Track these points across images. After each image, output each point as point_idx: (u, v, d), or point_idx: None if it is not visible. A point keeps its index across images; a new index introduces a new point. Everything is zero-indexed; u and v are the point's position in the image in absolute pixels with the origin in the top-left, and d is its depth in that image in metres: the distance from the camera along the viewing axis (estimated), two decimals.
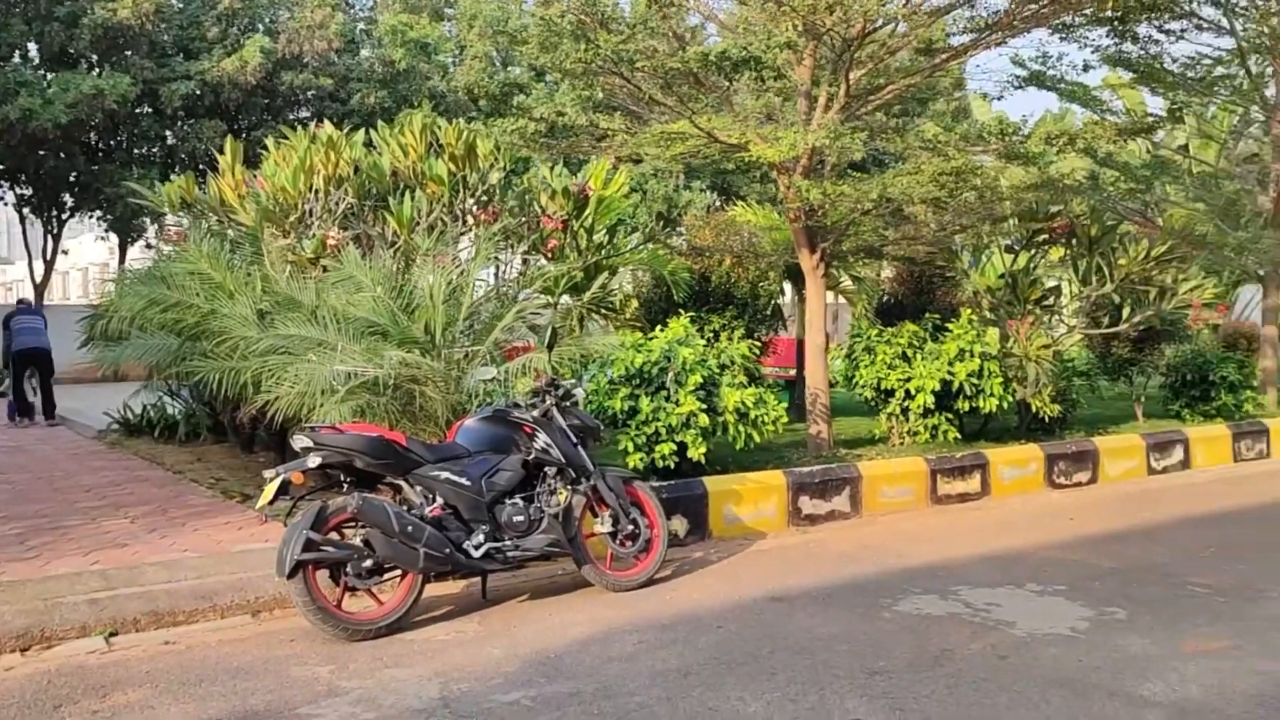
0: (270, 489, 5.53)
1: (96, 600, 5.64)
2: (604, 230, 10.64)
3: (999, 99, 18.41)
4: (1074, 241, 10.74)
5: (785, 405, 13.39)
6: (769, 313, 12.24)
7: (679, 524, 7.53)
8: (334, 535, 5.58)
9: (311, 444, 5.61)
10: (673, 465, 7.97)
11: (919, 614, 5.79)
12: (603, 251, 10.19)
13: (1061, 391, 10.72)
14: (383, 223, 9.14)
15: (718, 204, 27.58)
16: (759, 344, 10.98)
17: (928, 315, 10.49)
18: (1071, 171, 15.07)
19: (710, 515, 7.77)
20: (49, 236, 24.67)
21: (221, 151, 9.90)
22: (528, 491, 6.18)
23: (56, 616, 5.46)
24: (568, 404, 6.51)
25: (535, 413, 6.37)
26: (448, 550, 5.69)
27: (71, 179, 23.74)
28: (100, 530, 7.08)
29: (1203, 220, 14.49)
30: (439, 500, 5.84)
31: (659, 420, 7.88)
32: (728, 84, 8.44)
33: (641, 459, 7.92)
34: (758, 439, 8.24)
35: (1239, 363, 12.48)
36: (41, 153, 22.53)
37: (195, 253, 8.86)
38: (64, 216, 24.67)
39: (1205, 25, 12.89)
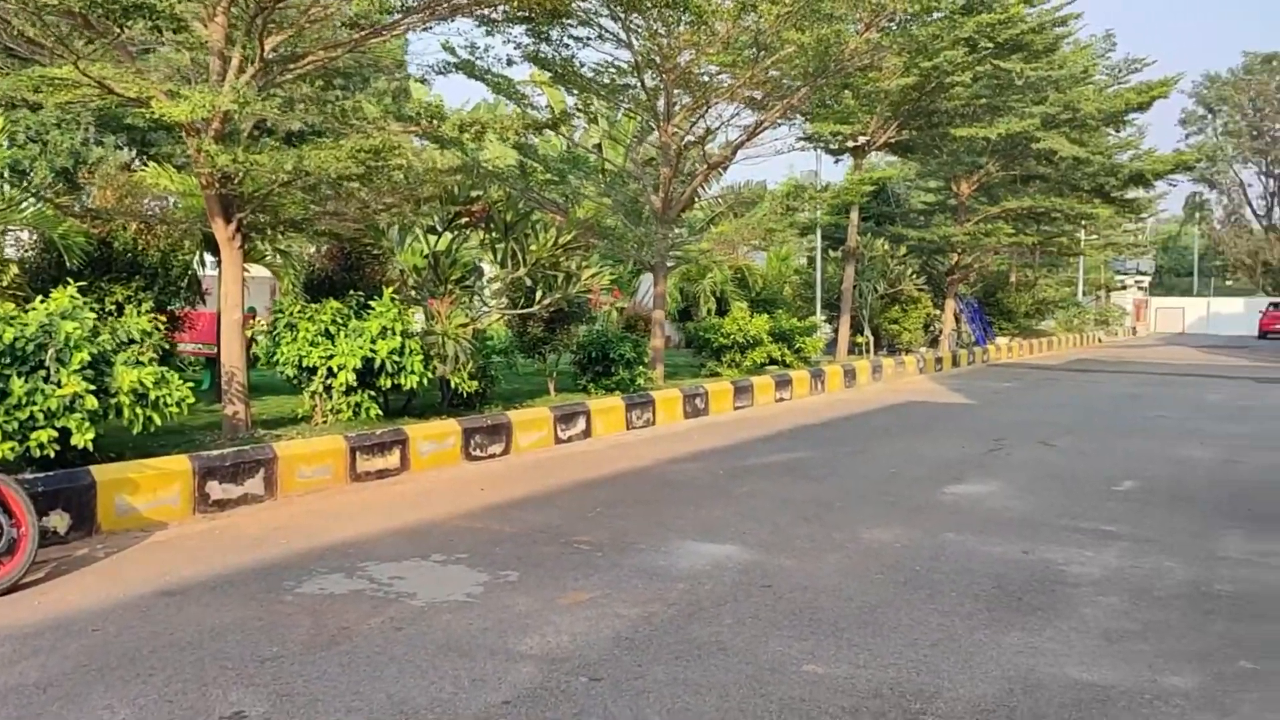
0: None
1: None
2: None
3: (422, 82, 18.84)
4: (492, 226, 11.35)
5: (205, 385, 12.61)
6: (184, 285, 11.37)
7: (59, 519, 6.71)
8: None
9: None
10: (54, 454, 7.05)
11: (322, 594, 5.71)
12: None
13: (481, 368, 11.28)
14: None
15: (137, 163, 25.13)
16: (167, 318, 10.14)
17: (352, 293, 10.43)
18: (495, 158, 15.95)
19: (99, 507, 7.01)
20: None
21: None
22: None
23: None
24: None
25: None
26: None
27: None
28: None
29: (610, 214, 16.15)
30: None
31: (35, 404, 6.92)
32: (120, 31, 7.60)
33: (13, 448, 6.90)
34: (159, 422, 7.58)
35: (634, 342, 14.08)
36: None
37: None
38: None
39: (608, 36, 14.29)
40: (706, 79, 15.23)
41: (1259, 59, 62.61)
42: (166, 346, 9.19)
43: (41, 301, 7.51)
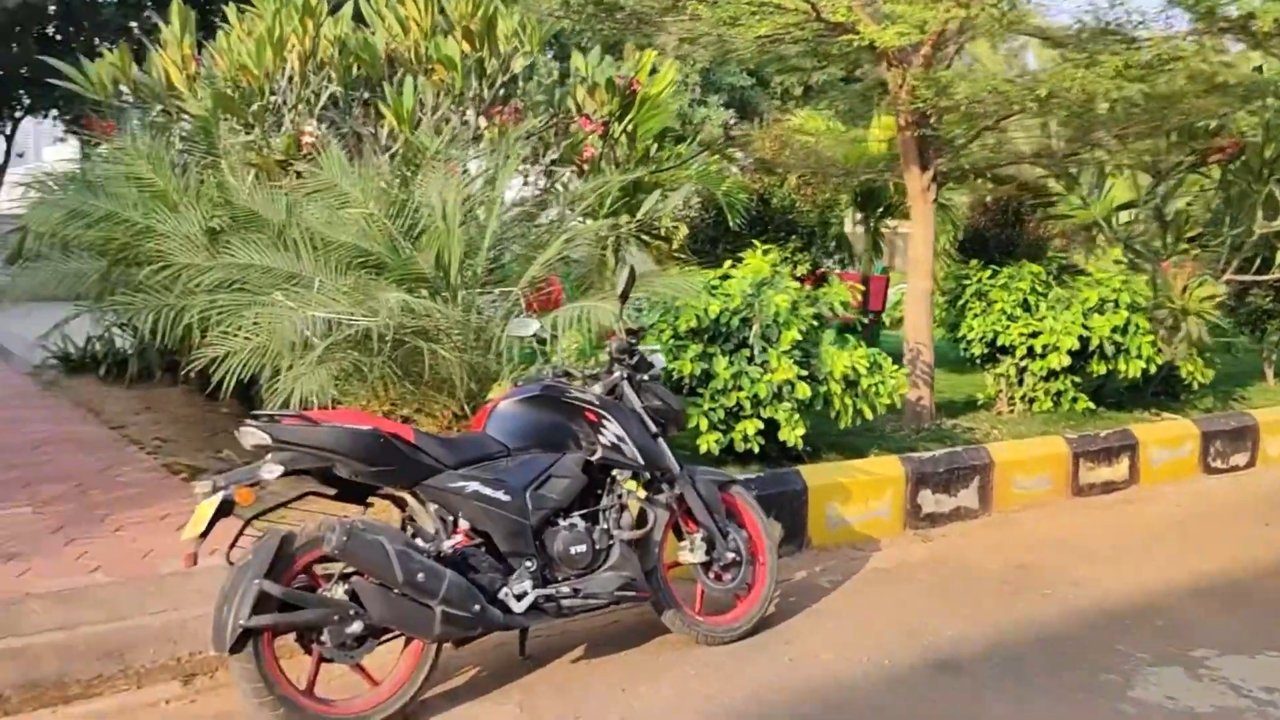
0: (204, 513, 3.54)
1: None
2: (649, 138, 8.56)
3: None
4: (1235, 165, 8.65)
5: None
6: (837, 244, 10.23)
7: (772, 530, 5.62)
8: (302, 580, 3.64)
9: (270, 440, 3.61)
10: (756, 449, 6.02)
11: (1176, 709, 3.89)
12: (651, 164, 8.14)
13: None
14: (374, 119, 7.06)
15: (734, 121, 25.29)
16: (859, 287, 8.96)
17: (1052, 256, 8.49)
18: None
19: (810, 518, 5.86)
20: (1, 137, 22.21)
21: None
22: (588, 508, 4.23)
23: None
24: (643, 378, 4.51)
25: (598, 389, 4.39)
26: (478, 607, 3.72)
27: (24, 73, 21.14)
28: None
29: None
30: (464, 525, 3.88)
31: (741, 390, 5.90)
32: None
33: (718, 440, 5.95)
34: (869, 415, 6.27)
35: None
36: None
37: (131, 151, 6.68)
38: (17, 115, 22.14)
39: None
40: None
41: None
42: (859, 323, 7.93)
43: (732, 267, 6.55)
